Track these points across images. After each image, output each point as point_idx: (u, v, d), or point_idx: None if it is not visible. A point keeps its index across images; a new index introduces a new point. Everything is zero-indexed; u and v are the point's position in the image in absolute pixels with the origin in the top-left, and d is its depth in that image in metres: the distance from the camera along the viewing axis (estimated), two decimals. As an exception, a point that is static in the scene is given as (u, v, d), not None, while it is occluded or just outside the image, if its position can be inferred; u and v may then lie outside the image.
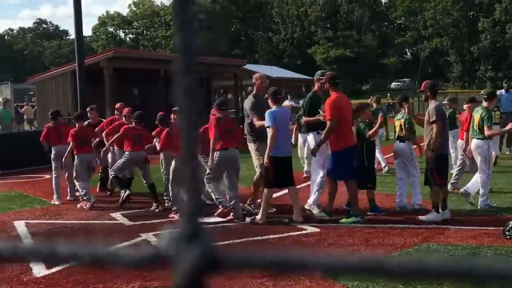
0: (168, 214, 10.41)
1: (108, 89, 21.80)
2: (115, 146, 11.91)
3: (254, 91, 10.73)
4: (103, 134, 11.97)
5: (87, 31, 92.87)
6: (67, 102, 22.14)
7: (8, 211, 11.39)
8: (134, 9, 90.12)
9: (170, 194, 10.75)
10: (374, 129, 10.15)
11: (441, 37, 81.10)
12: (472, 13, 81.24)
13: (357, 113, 10.47)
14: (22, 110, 29.30)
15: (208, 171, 9.86)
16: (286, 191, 10.23)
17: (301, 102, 14.00)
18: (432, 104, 9.42)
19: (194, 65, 0.75)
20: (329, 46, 79.25)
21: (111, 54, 22.81)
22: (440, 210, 9.31)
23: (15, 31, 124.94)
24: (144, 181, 11.35)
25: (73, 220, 10.38)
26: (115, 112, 13.29)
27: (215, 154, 9.73)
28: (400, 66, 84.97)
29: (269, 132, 9.26)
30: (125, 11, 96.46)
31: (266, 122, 9.30)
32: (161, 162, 11.12)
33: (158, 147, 10.83)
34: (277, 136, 9.26)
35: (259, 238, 8.63)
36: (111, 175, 11.72)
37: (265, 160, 9.34)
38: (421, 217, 9.39)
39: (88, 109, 12.97)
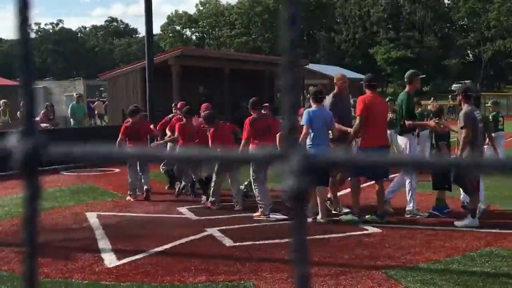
0: (234, 209, 10.51)
1: (175, 86, 22.10)
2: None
3: (336, 91, 10.61)
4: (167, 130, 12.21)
5: (156, 29, 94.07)
6: (137, 98, 22.51)
7: (81, 203, 11.66)
8: (201, 8, 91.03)
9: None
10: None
11: (504, 38, 79.14)
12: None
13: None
14: (94, 105, 29.97)
15: (252, 173, 10.12)
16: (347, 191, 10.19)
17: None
18: (463, 109, 9.24)
19: (299, 60, 0.73)
20: (390, 47, 78.34)
21: (179, 52, 23.08)
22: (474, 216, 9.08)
23: (87, 29, 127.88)
24: (193, 176, 11.73)
25: (142, 213, 10.55)
26: (176, 111, 13.41)
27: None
28: (462, 67, 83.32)
29: (303, 130, 9.22)
30: (192, 10, 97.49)
31: (302, 121, 9.28)
32: None
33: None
34: (314, 136, 9.33)
35: (321, 237, 8.60)
36: (162, 169, 11.97)
37: None
38: (457, 223, 9.14)
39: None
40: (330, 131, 9.65)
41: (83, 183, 14.30)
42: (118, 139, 11.90)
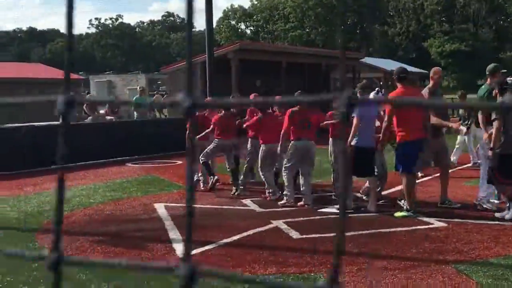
0: (298, 203, 10.46)
1: (234, 79, 22.18)
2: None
3: (431, 85, 10.40)
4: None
5: (213, 23, 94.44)
6: (196, 92, 22.64)
7: (148, 194, 11.81)
8: (255, 2, 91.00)
9: (262, 179, 11.17)
10: None
11: None
12: None
13: None
14: (153, 98, 30.27)
15: (285, 160, 10.46)
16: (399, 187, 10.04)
17: None
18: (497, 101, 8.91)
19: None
20: (444, 40, 76.89)
21: (238, 46, 23.13)
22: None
23: (145, 24, 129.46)
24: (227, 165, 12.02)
25: (208, 205, 10.61)
26: None
27: (290, 144, 10.30)
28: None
29: (354, 122, 9.39)
30: (247, 5, 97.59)
31: (354, 113, 9.28)
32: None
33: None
34: (361, 127, 9.40)
35: (387, 230, 8.51)
36: (201, 160, 12.09)
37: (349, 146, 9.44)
38: (497, 214, 9.12)
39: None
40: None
41: (148, 175, 14.48)
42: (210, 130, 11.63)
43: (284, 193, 10.49)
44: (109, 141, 17.10)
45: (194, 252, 7.46)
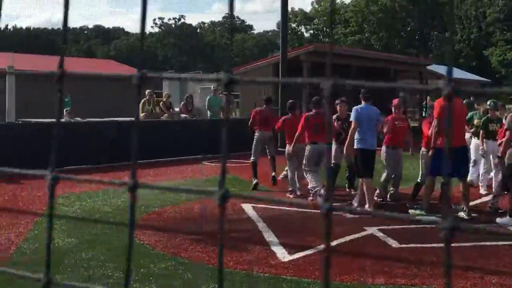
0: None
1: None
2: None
3: None
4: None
5: (271, 26, 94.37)
6: (268, 93, 22.50)
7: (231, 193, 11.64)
8: (316, 6, 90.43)
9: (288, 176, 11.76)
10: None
11: None
12: None
13: None
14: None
15: (304, 162, 10.89)
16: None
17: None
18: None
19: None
20: (506, 48, 74.87)
21: (312, 49, 22.84)
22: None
23: (206, 25, 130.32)
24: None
25: (296, 208, 10.39)
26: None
27: (307, 146, 10.80)
28: None
29: (352, 125, 10.07)
30: (308, 8, 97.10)
31: (351, 117, 10.16)
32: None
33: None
34: (362, 131, 9.96)
35: (492, 243, 8.11)
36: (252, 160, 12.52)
37: (345, 152, 10.42)
38: (498, 220, 9.37)
39: (337, 101, 11.92)
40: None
41: (228, 174, 14.32)
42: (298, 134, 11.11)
43: (311, 191, 10.83)
44: (183, 139, 17.07)
45: (296, 256, 7.27)
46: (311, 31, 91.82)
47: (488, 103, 12.07)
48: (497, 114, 11.87)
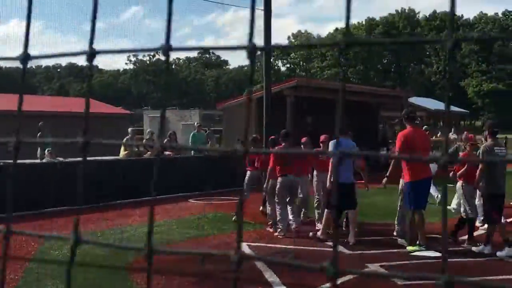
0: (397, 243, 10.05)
1: (289, 116, 21.93)
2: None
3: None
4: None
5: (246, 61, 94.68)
6: (251, 128, 22.49)
7: (224, 232, 11.47)
8: (293, 40, 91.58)
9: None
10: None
11: None
12: None
13: None
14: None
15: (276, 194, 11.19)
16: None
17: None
18: (484, 144, 9.81)
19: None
20: (482, 80, 76.17)
21: (294, 83, 22.91)
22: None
23: (181, 60, 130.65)
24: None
25: (290, 245, 10.22)
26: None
27: (278, 179, 11.09)
28: None
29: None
30: (284, 42, 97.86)
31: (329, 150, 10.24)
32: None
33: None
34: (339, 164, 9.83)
35: (505, 277, 8.02)
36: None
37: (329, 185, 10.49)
38: (498, 253, 9.38)
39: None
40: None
41: (216, 212, 14.13)
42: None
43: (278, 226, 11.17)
44: (168, 176, 16.88)
45: None
46: (288, 65, 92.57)
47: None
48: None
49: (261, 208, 13.01)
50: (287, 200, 11.18)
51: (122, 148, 18.53)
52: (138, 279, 7.83)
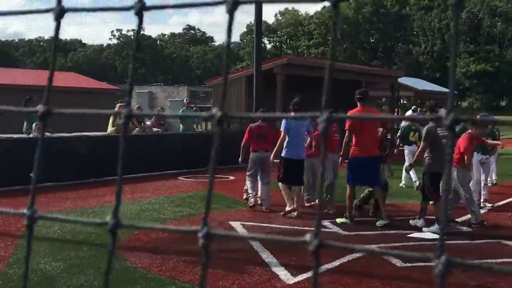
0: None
1: (279, 94, 21.76)
2: None
3: None
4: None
5: (236, 38, 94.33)
6: (241, 106, 22.33)
7: (217, 211, 11.34)
8: (280, 18, 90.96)
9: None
10: None
11: None
12: None
13: None
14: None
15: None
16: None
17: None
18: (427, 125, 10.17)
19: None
20: (469, 61, 76.27)
21: (285, 61, 22.72)
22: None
23: (166, 36, 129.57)
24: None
25: (287, 225, 10.13)
26: None
27: (250, 155, 11.57)
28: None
29: (281, 135, 10.84)
30: (271, 20, 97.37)
31: (281, 127, 10.94)
32: None
33: None
34: (290, 141, 10.65)
35: (502, 260, 7.97)
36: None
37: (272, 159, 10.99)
38: (425, 229, 9.69)
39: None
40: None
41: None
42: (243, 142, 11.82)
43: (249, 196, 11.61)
44: (156, 153, 16.72)
45: (300, 278, 7.01)
46: (274, 43, 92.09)
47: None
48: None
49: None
50: (259, 176, 11.55)
51: (110, 124, 18.29)
52: (132, 258, 7.70)
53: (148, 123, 19.96)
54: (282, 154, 10.90)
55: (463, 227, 10.14)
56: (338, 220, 10.35)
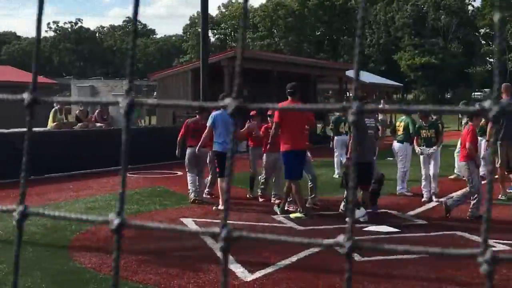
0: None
1: (227, 87, 21.67)
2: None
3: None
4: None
5: (177, 30, 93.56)
6: (187, 99, 22.12)
7: (167, 208, 11.21)
8: (223, 10, 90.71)
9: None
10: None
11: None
12: None
13: None
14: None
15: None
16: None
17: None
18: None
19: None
20: (414, 53, 77.70)
21: (232, 54, 22.63)
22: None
23: (105, 29, 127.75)
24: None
25: (239, 221, 10.05)
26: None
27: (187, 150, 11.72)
28: (486, 75, 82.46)
29: (206, 130, 11.06)
30: (214, 13, 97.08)
31: (207, 122, 11.10)
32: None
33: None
34: (217, 134, 10.88)
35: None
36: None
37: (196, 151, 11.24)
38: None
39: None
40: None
41: (155, 186, 13.82)
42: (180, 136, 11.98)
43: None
44: (99, 149, 16.41)
45: (258, 275, 6.96)
46: (219, 36, 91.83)
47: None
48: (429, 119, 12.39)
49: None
50: (197, 171, 11.72)
51: (51, 119, 17.87)
52: (80, 258, 7.51)
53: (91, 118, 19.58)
54: (214, 149, 11.11)
55: (418, 220, 10.28)
56: (292, 215, 10.36)
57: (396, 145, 12.93)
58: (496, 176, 12.09)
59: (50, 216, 1.12)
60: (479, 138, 12.62)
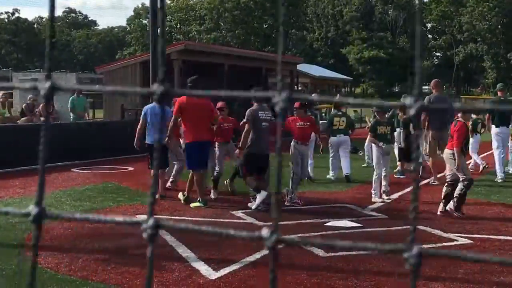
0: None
1: (176, 81, 21.51)
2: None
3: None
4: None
5: (121, 22, 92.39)
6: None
7: (120, 205, 11.02)
8: (169, 2, 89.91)
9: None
10: None
11: (476, 42, 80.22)
12: (509, 19, 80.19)
13: None
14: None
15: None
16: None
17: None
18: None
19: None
20: (363, 47, 78.66)
21: (182, 47, 22.46)
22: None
23: (44, 19, 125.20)
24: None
25: (198, 217, 9.98)
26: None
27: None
28: (433, 69, 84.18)
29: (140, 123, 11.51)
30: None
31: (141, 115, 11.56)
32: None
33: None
34: (150, 128, 11.20)
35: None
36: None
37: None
38: (250, 204, 10.61)
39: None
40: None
41: (107, 182, 13.59)
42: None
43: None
44: (47, 144, 16.05)
45: (223, 272, 6.90)
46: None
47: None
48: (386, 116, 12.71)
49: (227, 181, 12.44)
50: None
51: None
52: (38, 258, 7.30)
53: (36, 111, 19.16)
54: (146, 141, 11.51)
55: (378, 214, 10.39)
56: (192, 205, 10.79)
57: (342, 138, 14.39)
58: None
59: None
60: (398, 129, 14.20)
